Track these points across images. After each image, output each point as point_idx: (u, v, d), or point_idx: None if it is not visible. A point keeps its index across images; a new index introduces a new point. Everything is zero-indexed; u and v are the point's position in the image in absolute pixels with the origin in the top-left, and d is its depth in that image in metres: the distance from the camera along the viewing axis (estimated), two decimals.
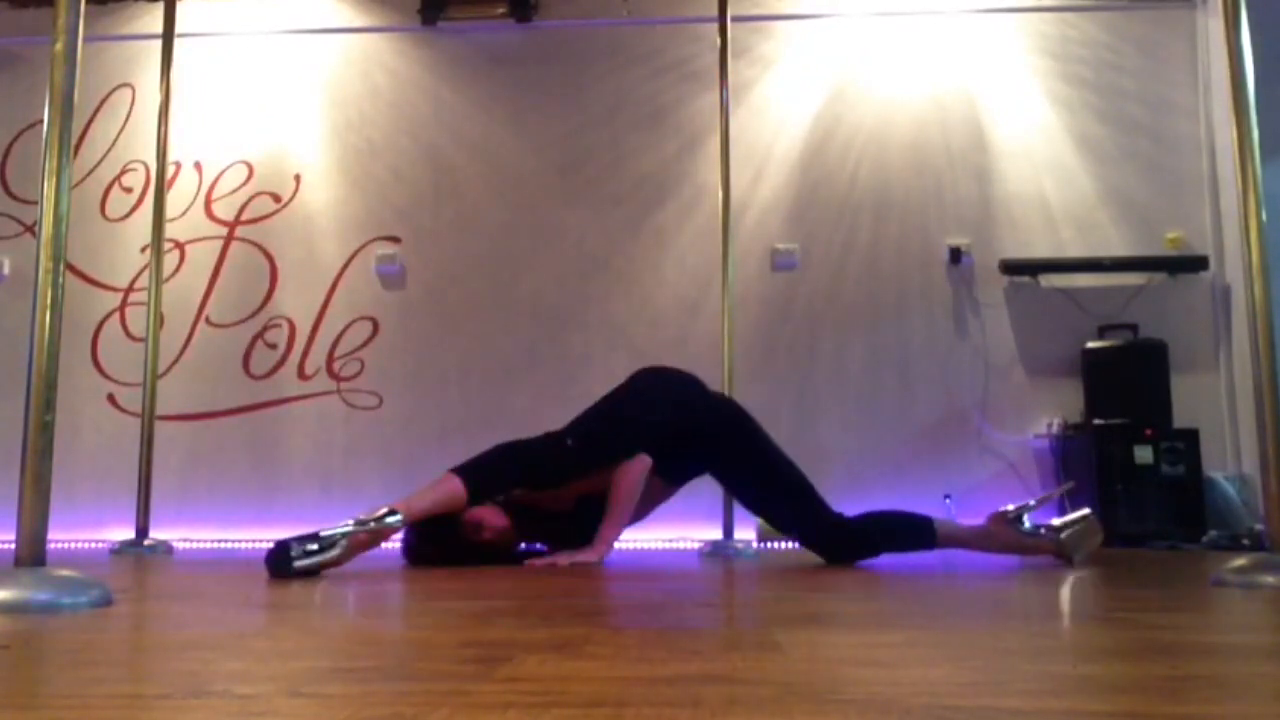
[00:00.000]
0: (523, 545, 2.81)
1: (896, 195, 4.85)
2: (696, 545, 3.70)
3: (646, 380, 2.90)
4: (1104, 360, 4.47)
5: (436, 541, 2.60)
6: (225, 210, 5.06)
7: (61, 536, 3.23)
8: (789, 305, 4.81)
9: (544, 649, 0.96)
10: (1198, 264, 4.63)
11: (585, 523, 2.71)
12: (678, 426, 2.77)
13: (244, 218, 5.05)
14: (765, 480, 2.79)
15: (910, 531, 2.72)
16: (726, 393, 3.59)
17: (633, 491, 2.66)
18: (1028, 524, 2.67)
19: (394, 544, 2.65)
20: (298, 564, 2.12)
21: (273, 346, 4.94)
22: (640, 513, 2.78)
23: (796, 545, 4.31)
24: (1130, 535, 4.15)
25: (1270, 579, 1.83)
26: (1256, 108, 2.10)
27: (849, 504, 2.78)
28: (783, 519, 2.87)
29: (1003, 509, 2.71)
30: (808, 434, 4.62)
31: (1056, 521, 2.68)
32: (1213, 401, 4.58)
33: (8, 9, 5.19)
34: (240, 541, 4.63)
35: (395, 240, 4.99)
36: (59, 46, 1.58)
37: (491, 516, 2.62)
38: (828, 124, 4.93)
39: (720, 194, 3.79)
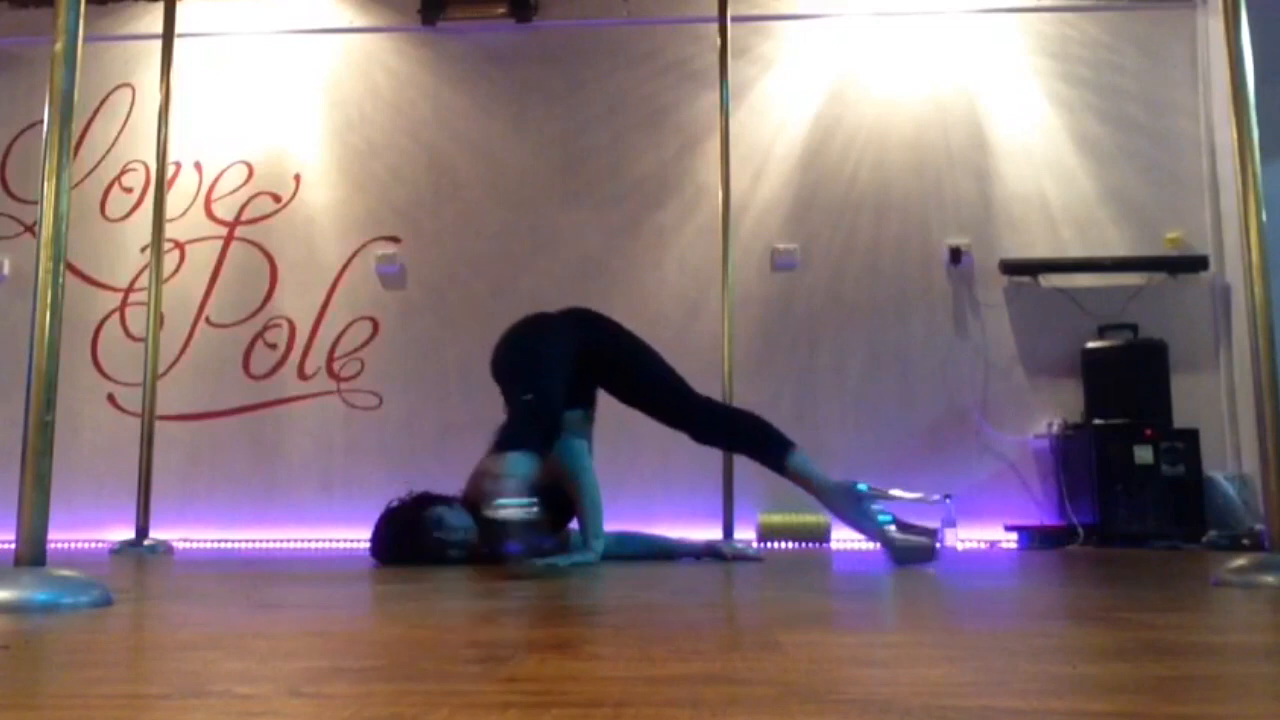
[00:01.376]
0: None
1: (896, 195, 4.85)
2: None
3: (525, 341, 2.91)
4: (1104, 360, 4.47)
5: (402, 540, 2.62)
6: (225, 210, 5.06)
7: (61, 536, 3.23)
8: (789, 305, 4.81)
9: (544, 649, 0.96)
10: (1198, 264, 4.63)
11: (550, 510, 2.74)
12: (575, 360, 2.80)
13: (244, 218, 5.05)
14: (646, 370, 2.84)
15: (770, 444, 2.72)
16: (726, 390, 3.60)
17: (587, 478, 2.69)
18: (875, 507, 2.59)
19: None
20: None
21: (273, 346, 4.94)
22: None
23: (796, 545, 4.32)
24: (1130, 535, 4.16)
25: (1270, 579, 1.83)
26: (1256, 108, 2.10)
27: None
28: (664, 409, 2.84)
29: (860, 486, 2.64)
30: (808, 434, 4.60)
31: (900, 523, 2.59)
32: (1213, 401, 4.58)
33: (8, 9, 5.19)
34: (240, 541, 4.63)
35: (395, 240, 4.99)
36: (59, 46, 1.58)
37: (453, 516, 2.64)
38: (828, 124, 4.93)
39: (720, 194, 3.79)
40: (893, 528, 2.56)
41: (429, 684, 0.76)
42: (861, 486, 2.64)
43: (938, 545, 2.61)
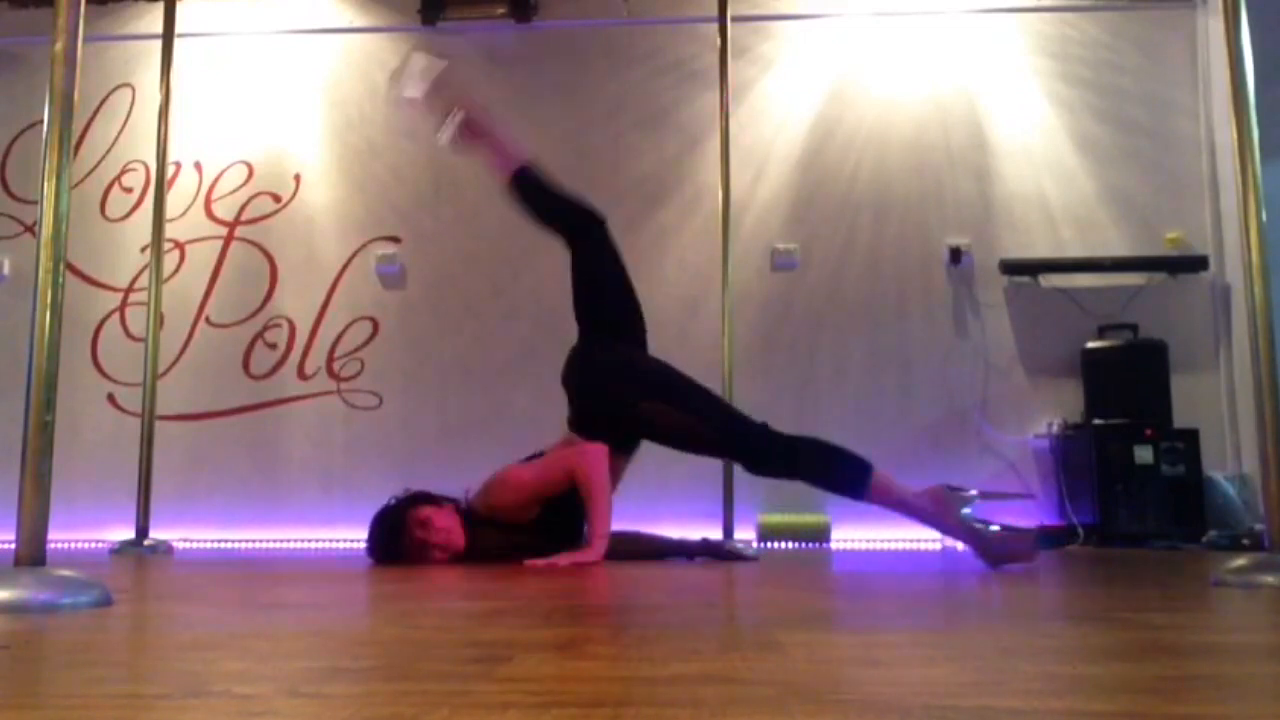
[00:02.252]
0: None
1: (896, 195, 4.85)
2: None
3: (594, 378, 2.86)
4: (1104, 360, 4.47)
5: (387, 538, 2.65)
6: (225, 210, 5.06)
7: (61, 536, 3.23)
8: (789, 305, 4.81)
9: (544, 649, 0.96)
10: (1198, 264, 4.63)
11: (550, 533, 2.74)
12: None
13: (244, 218, 5.05)
14: (683, 409, 2.74)
15: (845, 470, 2.62)
16: (726, 390, 3.60)
17: (602, 481, 2.68)
18: (967, 511, 2.51)
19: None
20: None
21: (273, 346, 4.94)
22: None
23: (796, 545, 4.32)
24: (1130, 535, 4.16)
25: (1270, 579, 1.83)
26: (1256, 108, 2.10)
27: (848, 503, 2.76)
28: (710, 441, 2.79)
29: (948, 485, 2.57)
30: (808, 433, 4.61)
31: (998, 525, 2.51)
32: (1213, 401, 4.58)
33: (8, 9, 5.19)
34: (240, 541, 4.63)
35: (395, 240, 4.99)
36: (59, 46, 1.57)
37: (440, 518, 2.66)
38: (828, 124, 4.93)
39: (720, 194, 3.79)
40: (994, 527, 2.48)
41: (429, 684, 0.76)
42: (950, 485, 2.57)
43: (1037, 542, 2.56)
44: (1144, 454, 4.20)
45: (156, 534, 3.67)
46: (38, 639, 1.09)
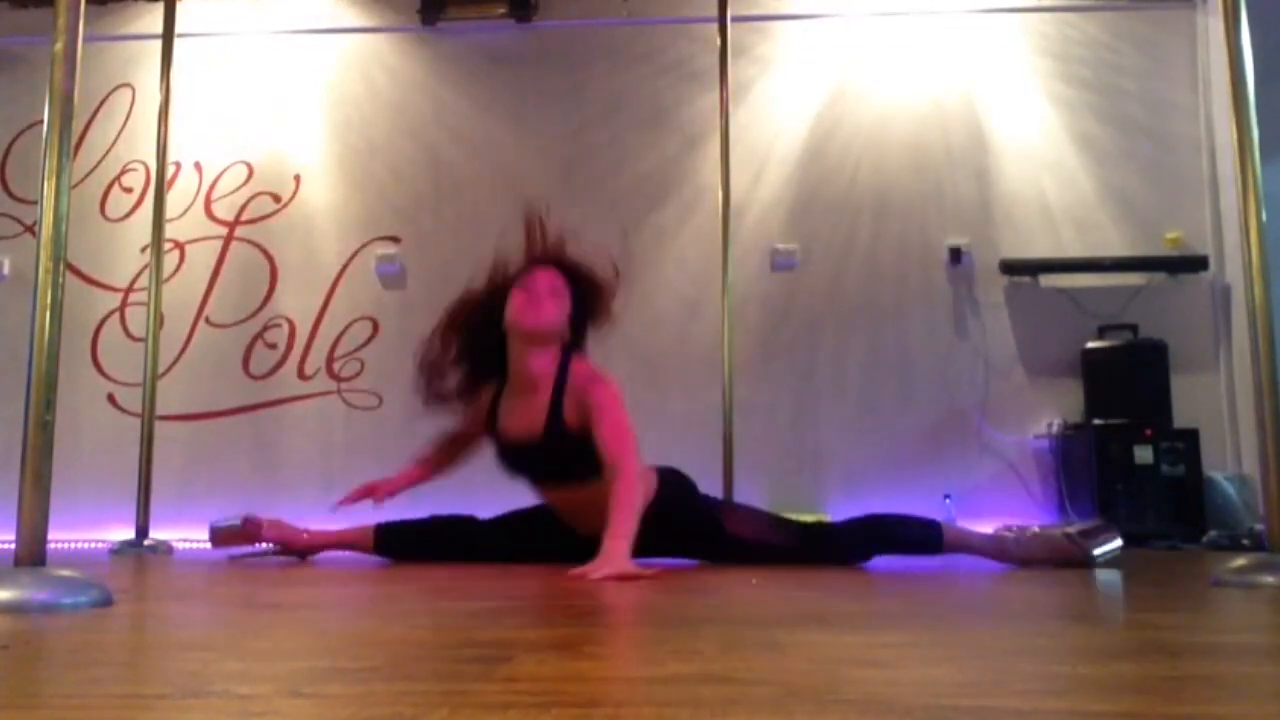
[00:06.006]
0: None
1: (896, 195, 4.85)
2: None
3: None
4: (1104, 360, 4.47)
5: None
6: (225, 210, 5.06)
7: (61, 536, 3.22)
8: (789, 305, 4.81)
9: (544, 649, 0.96)
10: (1198, 264, 4.63)
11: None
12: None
13: (244, 218, 5.05)
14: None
15: (915, 534, 2.61)
16: (726, 390, 3.61)
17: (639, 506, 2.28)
18: (1037, 529, 2.63)
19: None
20: None
21: (273, 346, 4.94)
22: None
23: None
24: (1130, 535, 4.14)
25: (1270, 579, 1.83)
26: (1256, 108, 2.10)
27: (848, 504, 2.78)
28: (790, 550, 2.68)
29: (1006, 527, 2.70)
30: (808, 434, 4.62)
31: (1072, 528, 2.58)
32: (1213, 401, 4.58)
33: (8, 9, 5.19)
34: None
35: (395, 240, 4.99)
36: (59, 46, 1.57)
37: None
38: (828, 124, 4.93)
39: (720, 194, 3.78)
40: (1071, 530, 2.57)
41: (429, 684, 0.76)
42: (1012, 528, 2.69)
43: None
44: (1144, 454, 4.20)
45: (156, 534, 3.66)
46: (38, 639, 1.09)
